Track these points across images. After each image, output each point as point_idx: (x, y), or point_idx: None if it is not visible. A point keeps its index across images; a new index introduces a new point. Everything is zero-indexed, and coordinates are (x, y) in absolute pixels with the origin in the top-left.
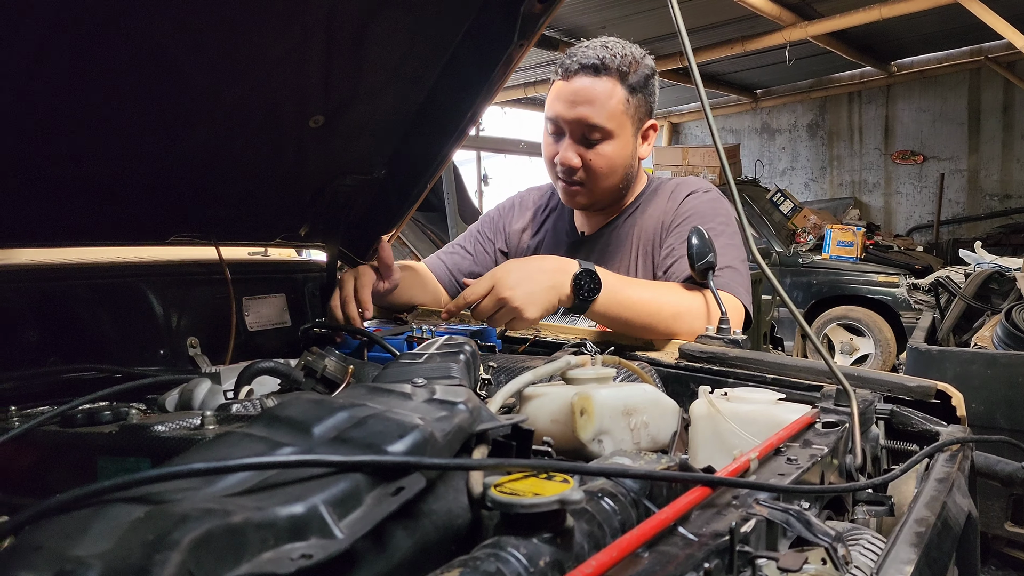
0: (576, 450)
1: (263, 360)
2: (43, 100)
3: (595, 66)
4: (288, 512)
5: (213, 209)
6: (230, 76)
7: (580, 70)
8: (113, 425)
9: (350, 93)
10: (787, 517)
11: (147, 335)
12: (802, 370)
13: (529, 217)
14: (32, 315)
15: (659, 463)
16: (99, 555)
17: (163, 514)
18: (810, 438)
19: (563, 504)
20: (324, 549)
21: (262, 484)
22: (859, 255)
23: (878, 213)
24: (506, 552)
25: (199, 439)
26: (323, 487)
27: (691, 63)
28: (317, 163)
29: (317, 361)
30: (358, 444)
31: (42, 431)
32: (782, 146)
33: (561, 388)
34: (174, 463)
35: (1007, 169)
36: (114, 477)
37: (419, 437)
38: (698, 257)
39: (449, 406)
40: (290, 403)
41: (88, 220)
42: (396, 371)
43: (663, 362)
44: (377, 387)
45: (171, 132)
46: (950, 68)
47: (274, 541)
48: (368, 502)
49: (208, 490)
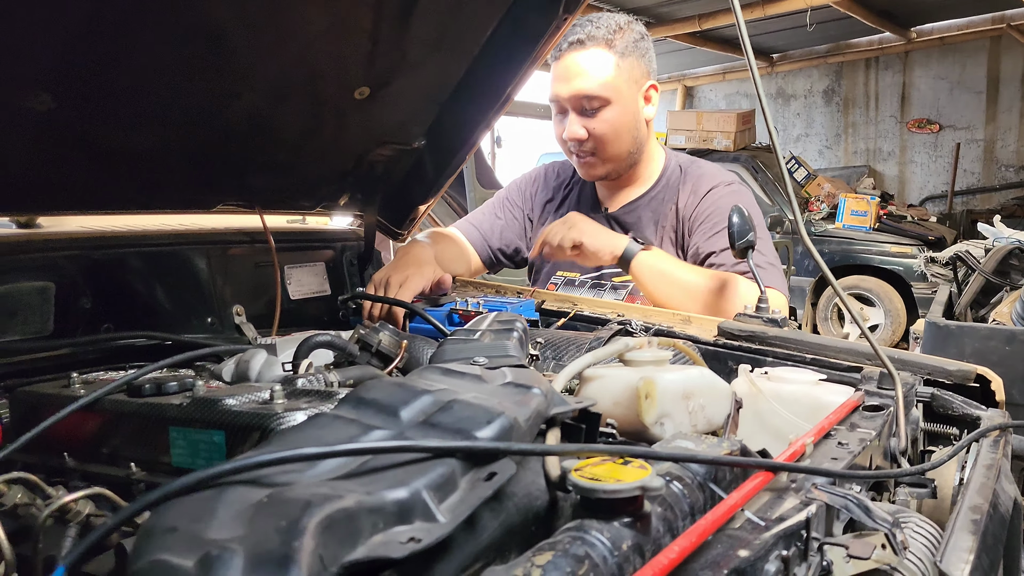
0: (638, 432)
1: (320, 333)
2: (95, 73)
3: (580, 40)
4: (395, 496)
5: (257, 179)
6: (276, 48)
7: (568, 48)
8: (181, 395)
9: (395, 65)
10: (846, 503)
11: (195, 303)
12: (842, 351)
13: (553, 189)
14: (87, 283)
15: (721, 447)
16: (236, 539)
17: (285, 499)
18: (856, 421)
19: (644, 490)
20: (431, 533)
21: (363, 468)
22: (872, 225)
23: (892, 182)
24: (591, 536)
25: (268, 413)
26: (423, 472)
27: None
28: (358, 133)
29: (371, 335)
30: (447, 429)
31: (112, 399)
32: (797, 112)
33: (622, 371)
34: (280, 445)
35: None
36: (185, 448)
37: (506, 423)
38: (739, 236)
39: (524, 390)
40: (374, 386)
41: (136, 189)
42: (454, 348)
43: (701, 339)
44: (450, 369)
45: (219, 103)
46: (970, 35)
47: (383, 525)
48: (463, 487)
49: (312, 473)
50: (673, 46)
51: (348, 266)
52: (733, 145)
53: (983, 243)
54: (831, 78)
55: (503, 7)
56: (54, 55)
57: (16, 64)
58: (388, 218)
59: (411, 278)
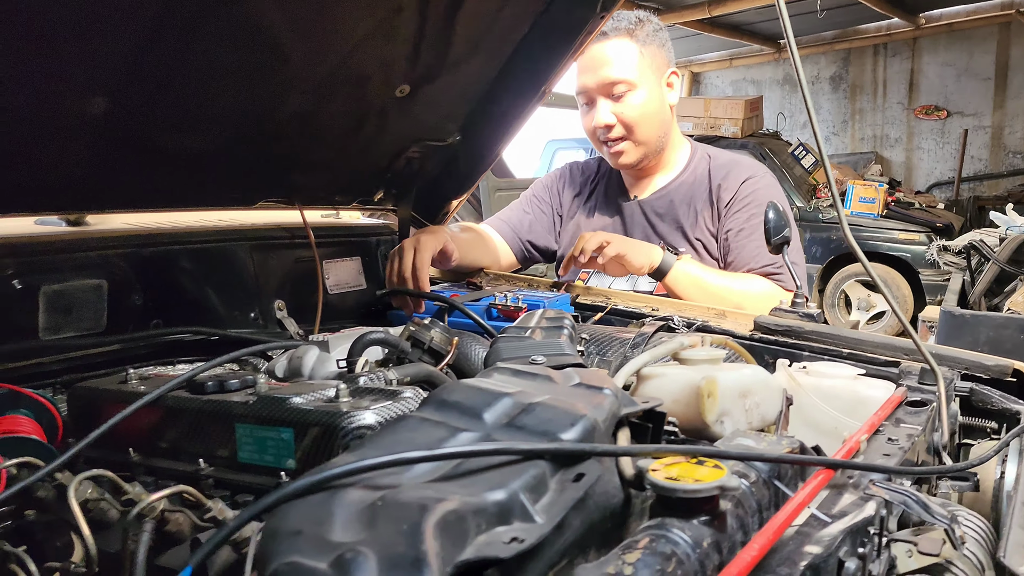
0: (698, 430)
1: (372, 330)
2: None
3: (603, 32)
4: (495, 498)
5: (300, 176)
6: (324, 50)
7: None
8: (242, 393)
9: (435, 64)
10: (905, 499)
11: (240, 298)
12: (879, 346)
13: (580, 184)
14: (138, 279)
15: (781, 445)
16: (361, 542)
17: (399, 502)
18: (901, 416)
19: (722, 490)
20: (531, 533)
21: (458, 471)
22: (880, 212)
23: (899, 168)
24: (673, 534)
25: (337, 411)
26: (517, 474)
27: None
28: (397, 131)
29: (423, 332)
30: (533, 431)
31: (175, 396)
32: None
33: (681, 370)
34: (378, 448)
35: None
36: (252, 444)
37: (588, 424)
38: (775, 232)
39: (596, 391)
40: (454, 389)
41: (184, 187)
42: (510, 346)
43: (738, 334)
44: (520, 370)
45: (269, 105)
46: (979, 21)
47: (485, 525)
48: (552, 487)
49: (410, 475)
50: (680, 32)
51: (382, 260)
52: (741, 132)
53: (996, 232)
54: (838, 64)
55: (542, 5)
56: (115, 62)
57: (76, 71)
58: (421, 212)
59: (422, 241)
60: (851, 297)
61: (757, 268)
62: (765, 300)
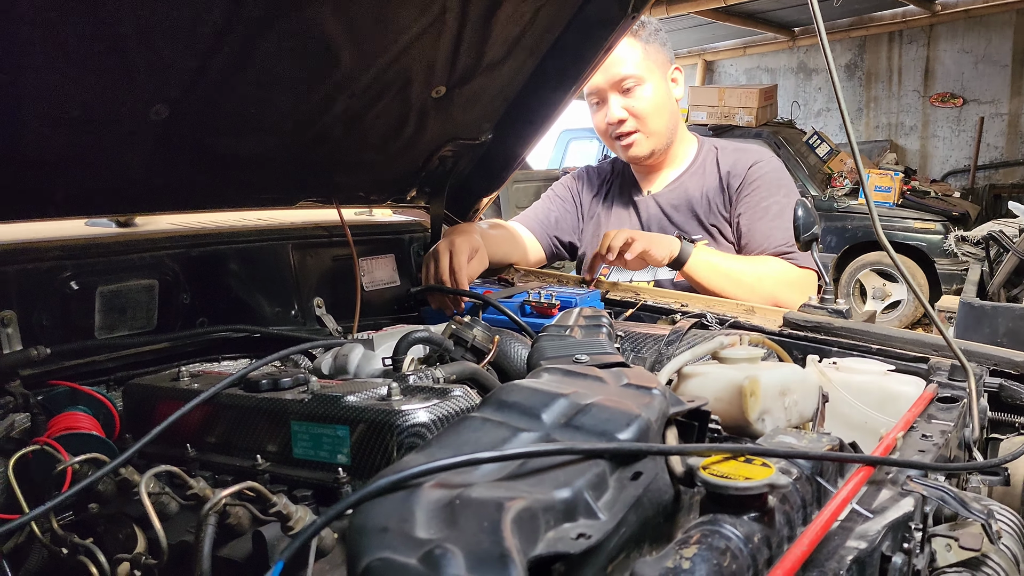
0: (740, 427)
1: (416, 328)
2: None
3: None
4: (562, 496)
5: (342, 177)
6: (373, 53)
7: None
8: (294, 391)
9: (473, 65)
10: (943, 494)
11: (281, 296)
12: (908, 342)
13: (597, 186)
14: (186, 279)
15: (822, 443)
16: (446, 539)
17: (476, 500)
18: (933, 413)
19: (772, 487)
20: (597, 529)
21: (523, 469)
22: (896, 201)
23: (914, 156)
24: (725, 529)
25: (392, 410)
26: (581, 473)
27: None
28: (434, 130)
29: (465, 331)
30: (591, 431)
31: (230, 393)
32: (818, 86)
33: (721, 368)
34: (447, 448)
35: None
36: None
37: (643, 424)
38: (804, 228)
39: (645, 391)
40: (512, 390)
41: (232, 189)
42: (553, 345)
43: (766, 329)
44: (570, 370)
45: (320, 108)
46: (996, 8)
47: (553, 522)
48: (612, 485)
49: (478, 474)
50: (693, 21)
51: (415, 257)
52: (755, 121)
53: (1016, 222)
54: (854, 52)
55: (576, 6)
56: (179, 71)
57: (143, 79)
58: (452, 209)
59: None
60: (866, 286)
61: (770, 249)
62: (780, 279)
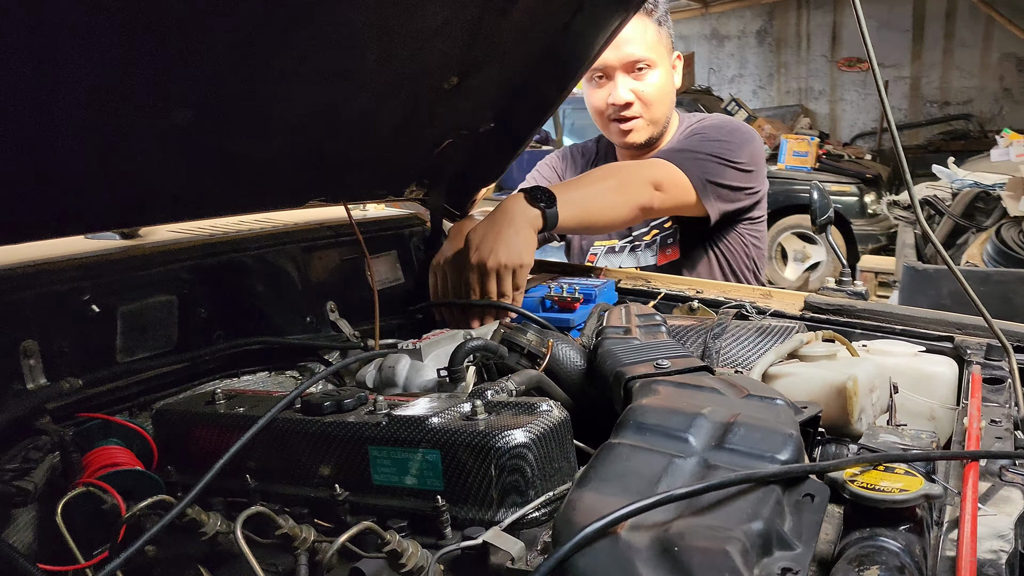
0: (838, 428)
1: (470, 336)
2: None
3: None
4: (758, 528)
5: (351, 174)
6: (396, 47)
7: None
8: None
9: (486, 54)
10: None
11: (294, 302)
12: (931, 321)
13: (582, 166)
14: (203, 292)
15: (923, 439)
16: None
17: (697, 548)
18: (985, 395)
19: (928, 498)
20: (800, 561)
21: (700, 501)
22: (813, 165)
23: (823, 120)
24: (889, 544)
25: (487, 431)
26: (762, 501)
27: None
28: (440, 122)
29: (518, 335)
30: (749, 453)
31: (289, 418)
32: (731, 53)
33: (810, 368)
34: (607, 483)
35: (947, 77)
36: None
37: (799, 441)
38: (821, 211)
39: (770, 402)
40: (646, 411)
41: (242, 192)
42: (628, 349)
43: (787, 314)
44: (685, 384)
45: (337, 106)
46: None
47: (754, 557)
48: (788, 509)
49: (658, 509)
50: None
51: (416, 251)
52: None
53: (945, 185)
54: (763, 18)
55: None
56: (207, 74)
57: (170, 82)
58: (449, 201)
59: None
60: (787, 249)
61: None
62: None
